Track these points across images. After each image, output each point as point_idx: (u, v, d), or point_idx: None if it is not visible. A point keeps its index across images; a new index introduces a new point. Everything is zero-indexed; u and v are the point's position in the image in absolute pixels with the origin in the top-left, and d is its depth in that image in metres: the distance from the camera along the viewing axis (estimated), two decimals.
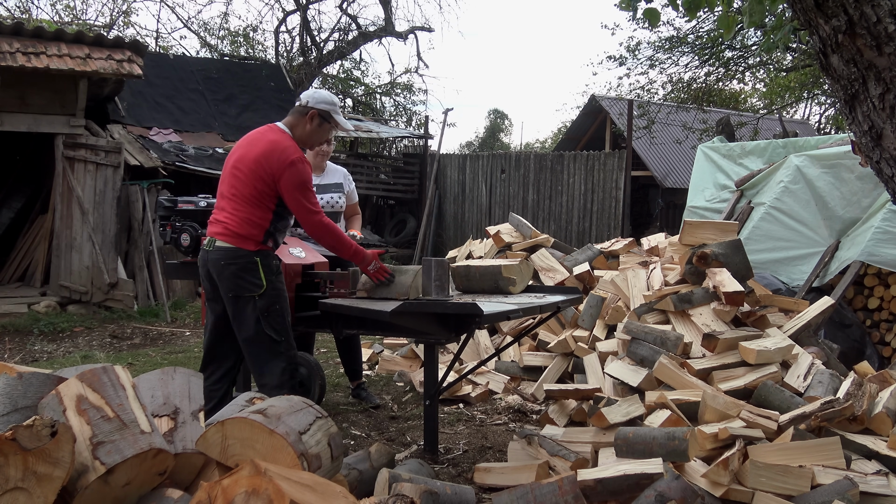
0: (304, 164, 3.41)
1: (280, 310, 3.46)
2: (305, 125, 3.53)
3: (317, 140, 3.62)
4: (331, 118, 3.56)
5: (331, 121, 3.57)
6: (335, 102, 3.60)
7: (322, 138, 3.65)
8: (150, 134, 10.10)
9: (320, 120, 3.53)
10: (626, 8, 3.09)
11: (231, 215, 3.44)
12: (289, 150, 3.41)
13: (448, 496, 2.70)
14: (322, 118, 3.53)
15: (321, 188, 4.50)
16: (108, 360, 5.74)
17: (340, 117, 3.62)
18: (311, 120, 3.52)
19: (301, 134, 3.55)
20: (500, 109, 36.37)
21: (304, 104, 3.53)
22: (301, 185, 3.40)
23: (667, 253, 5.27)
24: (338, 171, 4.69)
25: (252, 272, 3.41)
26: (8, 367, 2.47)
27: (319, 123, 3.54)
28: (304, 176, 3.40)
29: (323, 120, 3.54)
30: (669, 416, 3.31)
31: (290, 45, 17.40)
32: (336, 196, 4.55)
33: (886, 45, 2.12)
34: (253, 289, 3.40)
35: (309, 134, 3.56)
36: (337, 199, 4.54)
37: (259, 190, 3.39)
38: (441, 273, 3.51)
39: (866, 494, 2.83)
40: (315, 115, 3.51)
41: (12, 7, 15.90)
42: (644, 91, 14.99)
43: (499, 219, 12.68)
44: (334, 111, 3.57)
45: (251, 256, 3.40)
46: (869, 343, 5.17)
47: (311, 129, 3.54)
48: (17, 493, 1.90)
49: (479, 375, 5.08)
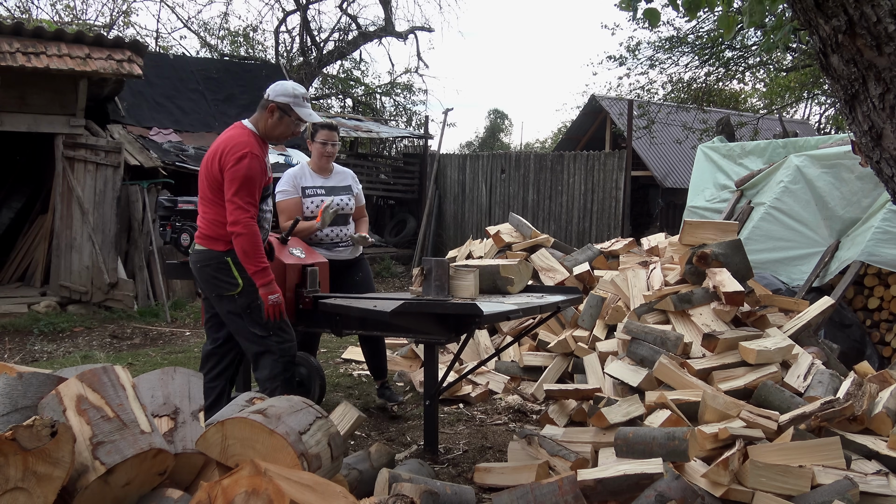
0: (251, 160, 3.31)
1: (261, 305, 3.41)
2: (267, 119, 3.46)
3: (281, 134, 3.52)
4: (290, 111, 3.46)
5: (291, 114, 3.47)
6: (296, 94, 3.49)
7: (286, 131, 3.53)
8: (150, 134, 10.10)
9: (280, 113, 3.45)
10: (626, 8, 3.09)
11: (202, 218, 3.50)
12: (239, 146, 3.33)
13: (448, 496, 2.70)
14: (282, 111, 3.45)
15: (330, 190, 4.46)
16: (108, 360, 5.74)
17: (303, 109, 3.50)
18: (271, 113, 3.45)
19: (264, 128, 3.48)
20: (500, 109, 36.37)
21: (265, 97, 3.47)
22: (240, 179, 3.29)
23: (667, 253, 5.27)
24: (346, 174, 4.63)
25: (225, 272, 3.43)
26: (8, 367, 2.47)
27: (280, 117, 3.45)
28: (247, 171, 3.30)
29: (283, 113, 3.45)
30: (669, 416, 3.31)
31: (290, 45, 17.40)
32: (346, 198, 4.48)
33: (886, 45, 2.12)
34: (230, 288, 3.44)
35: (271, 128, 3.48)
36: (346, 201, 4.48)
37: (216, 189, 3.38)
38: (441, 273, 3.51)
39: (866, 494, 2.83)
40: (274, 109, 3.44)
41: (12, 7, 15.91)
42: (644, 91, 15.00)
43: (499, 219, 12.68)
44: (295, 103, 3.46)
45: (221, 257, 3.43)
46: (869, 343, 5.17)
47: (273, 122, 3.46)
48: (17, 493, 1.90)
49: (479, 375, 5.08)
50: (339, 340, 6.37)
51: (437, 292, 3.49)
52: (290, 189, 4.39)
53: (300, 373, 4.52)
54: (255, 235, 3.33)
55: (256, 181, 3.35)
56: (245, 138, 3.40)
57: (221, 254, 3.43)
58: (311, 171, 4.49)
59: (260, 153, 3.40)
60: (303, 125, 3.57)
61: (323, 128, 4.41)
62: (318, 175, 4.48)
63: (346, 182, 4.56)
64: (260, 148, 3.44)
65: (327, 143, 4.42)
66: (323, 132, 4.41)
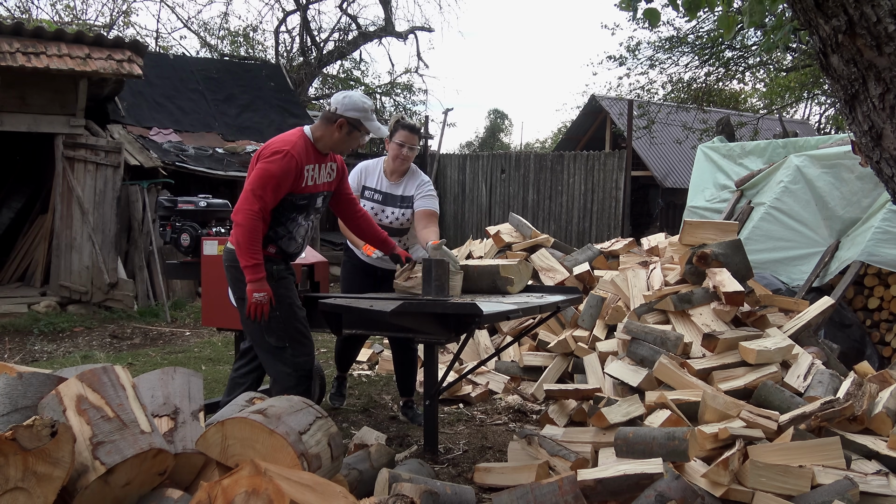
0: (285, 159, 3.18)
1: (281, 317, 3.32)
2: (334, 133, 3.34)
3: (348, 147, 3.42)
4: (361, 126, 3.35)
5: (361, 129, 3.36)
6: (366, 108, 3.35)
7: (353, 145, 3.43)
8: (150, 134, 10.10)
9: (350, 128, 3.34)
10: (626, 8, 3.09)
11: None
12: (281, 143, 3.24)
13: (448, 496, 2.70)
14: (352, 126, 3.34)
15: (387, 198, 4.16)
16: (108, 360, 5.74)
17: (373, 123, 3.38)
18: (339, 129, 3.33)
19: (329, 142, 3.37)
20: (500, 109, 36.42)
21: (332, 111, 3.33)
22: (264, 172, 3.18)
23: (667, 253, 5.27)
24: (416, 183, 4.18)
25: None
26: (8, 367, 2.48)
27: (349, 132, 3.35)
28: (275, 167, 3.17)
29: (353, 128, 3.34)
30: (669, 416, 3.31)
31: (290, 45, 17.42)
32: (398, 212, 4.14)
33: (886, 45, 2.13)
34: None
35: (338, 142, 3.37)
36: (399, 215, 4.14)
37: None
38: (441, 273, 3.51)
39: (866, 494, 2.83)
40: (344, 124, 3.32)
41: (12, 7, 15.91)
42: (644, 91, 15.00)
43: (499, 219, 12.69)
44: (365, 118, 3.34)
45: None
46: (869, 343, 5.17)
47: (340, 137, 3.35)
48: (17, 493, 1.91)
49: (479, 375, 5.08)
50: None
51: (437, 292, 3.49)
52: (353, 185, 4.10)
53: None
54: (254, 230, 3.20)
55: (279, 178, 3.19)
56: (293, 138, 3.29)
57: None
58: (382, 170, 4.19)
59: (299, 156, 3.25)
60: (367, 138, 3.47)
61: (404, 128, 4.11)
62: (387, 178, 4.17)
63: (409, 192, 4.17)
64: (304, 153, 3.29)
65: (405, 145, 4.09)
66: (402, 133, 4.10)
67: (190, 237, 4.16)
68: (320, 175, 3.41)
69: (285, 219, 3.36)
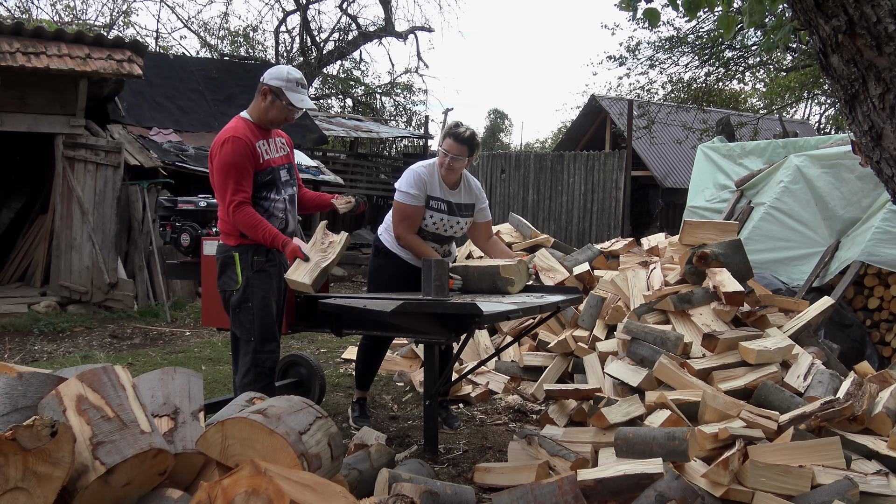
0: (233, 144, 3.22)
1: (252, 308, 3.34)
2: (260, 103, 3.37)
3: (274, 118, 3.39)
4: (282, 94, 3.32)
5: (282, 97, 3.33)
6: (290, 78, 3.33)
7: (279, 116, 3.39)
8: (150, 134, 10.10)
9: (272, 96, 3.33)
10: (626, 8, 3.09)
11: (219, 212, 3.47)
12: (224, 133, 3.29)
13: (448, 496, 2.70)
14: (274, 94, 3.33)
15: (453, 207, 3.97)
16: (108, 360, 5.74)
17: (295, 94, 3.34)
18: (263, 97, 3.35)
19: (257, 113, 3.39)
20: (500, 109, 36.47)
21: (260, 81, 3.37)
22: (223, 167, 3.22)
23: (667, 253, 5.27)
24: (473, 191, 4.05)
25: (231, 267, 3.40)
26: (8, 367, 2.47)
27: (272, 100, 3.34)
28: (229, 157, 3.20)
29: (275, 96, 3.33)
30: (669, 416, 3.31)
31: (290, 45, 17.44)
32: (464, 221, 4.01)
33: (886, 45, 2.13)
34: (231, 284, 3.40)
35: (264, 111, 3.37)
36: (463, 224, 3.99)
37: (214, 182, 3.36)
38: (441, 273, 3.51)
39: (866, 494, 2.83)
40: (266, 92, 3.33)
41: (12, 7, 15.92)
42: (644, 91, 15.01)
43: (499, 219, 12.68)
44: (287, 87, 3.31)
45: (230, 251, 3.39)
46: (869, 343, 5.17)
47: (265, 106, 3.36)
48: (17, 493, 1.91)
49: (479, 375, 5.08)
50: (338, 340, 6.37)
51: (437, 292, 3.49)
52: (419, 194, 3.87)
53: (300, 373, 4.52)
54: (248, 215, 3.24)
55: (239, 165, 3.23)
56: (232, 125, 3.34)
57: (231, 248, 3.40)
58: (440, 177, 3.94)
59: (245, 136, 3.28)
60: (296, 111, 3.43)
61: (450, 136, 3.85)
62: (446, 185, 3.95)
63: (470, 200, 4.05)
64: (249, 132, 3.33)
65: (448, 154, 3.84)
66: (448, 141, 3.84)
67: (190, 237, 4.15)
68: (272, 149, 3.44)
69: (257, 199, 3.38)
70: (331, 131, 13.22)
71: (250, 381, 3.35)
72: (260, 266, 3.39)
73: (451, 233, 4.01)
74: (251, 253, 3.37)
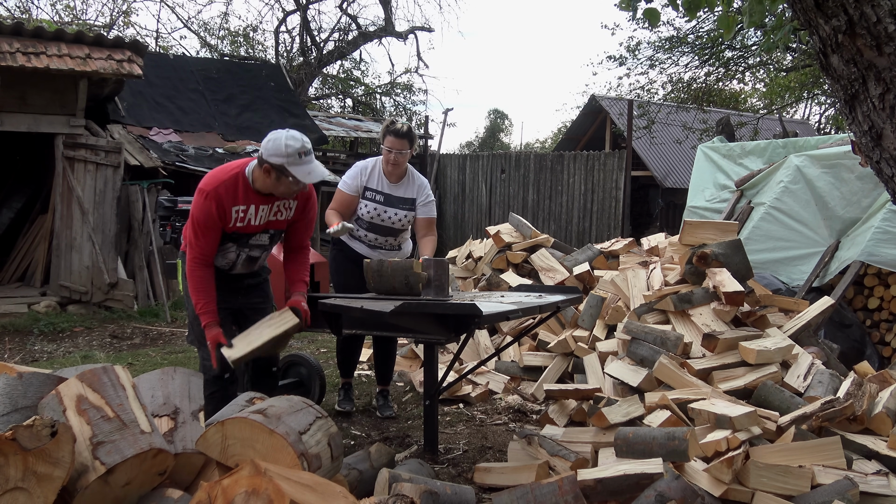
0: (204, 200, 3.10)
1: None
2: (265, 178, 3.15)
3: (284, 193, 3.21)
4: (286, 171, 3.08)
5: (287, 175, 3.10)
6: (290, 153, 3.06)
7: (289, 190, 3.20)
8: (150, 134, 10.10)
9: (276, 174, 3.11)
10: (626, 8, 3.08)
11: None
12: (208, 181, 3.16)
13: (448, 496, 2.70)
14: (278, 172, 3.10)
15: (389, 199, 4.16)
16: (108, 360, 5.74)
17: (301, 168, 3.08)
18: (267, 174, 3.12)
19: (263, 186, 3.19)
20: (500, 109, 36.40)
21: (259, 154, 3.14)
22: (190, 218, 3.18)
23: (667, 253, 5.27)
24: (417, 186, 4.24)
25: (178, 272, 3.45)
26: (8, 367, 2.48)
27: (277, 177, 3.12)
28: (196, 212, 3.12)
29: (279, 174, 3.11)
30: (669, 417, 3.31)
31: (290, 45, 17.43)
32: (401, 213, 4.17)
33: (886, 45, 2.13)
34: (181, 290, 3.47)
35: (271, 187, 3.17)
36: (402, 216, 4.17)
37: None
38: (441, 273, 3.51)
39: (866, 494, 2.83)
40: (269, 170, 3.11)
41: (12, 7, 15.91)
42: (644, 91, 15.00)
43: (499, 219, 12.69)
44: (290, 163, 3.06)
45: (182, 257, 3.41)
46: (869, 343, 5.17)
47: (271, 182, 3.14)
48: (17, 493, 1.91)
49: (479, 375, 5.08)
50: None
51: (437, 292, 3.49)
52: (352, 183, 4.14)
53: (300, 373, 4.52)
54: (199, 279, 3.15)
55: (205, 223, 3.10)
56: (224, 176, 3.17)
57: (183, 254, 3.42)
58: (381, 171, 4.19)
59: (223, 197, 3.12)
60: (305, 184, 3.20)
61: (391, 133, 4.09)
62: (387, 179, 4.18)
63: (410, 195, 4.21)
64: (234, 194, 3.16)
65: (392, 151, 4.08)
66: (389, 138, 4.09)
67: None
68: (258, 215, 3.25)
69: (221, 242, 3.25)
70: (331, 131, 13.22)
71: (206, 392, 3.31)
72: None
73: (388, 223, 4.18)
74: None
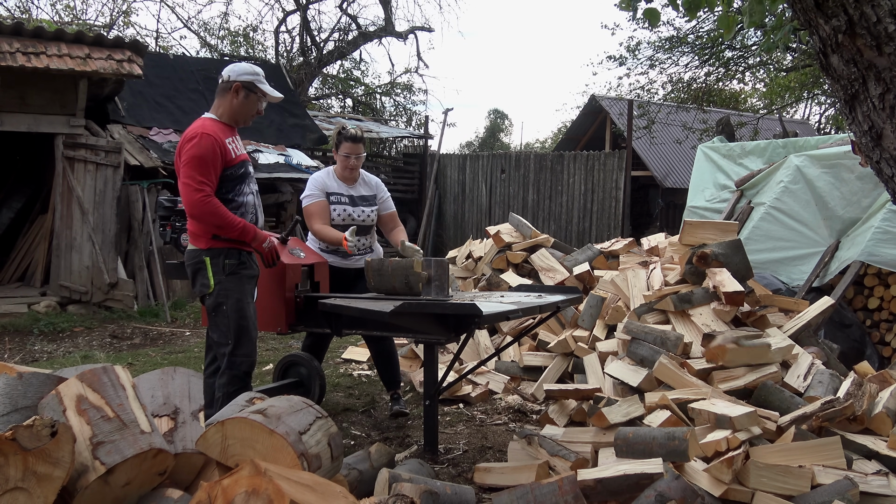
0: (202, 139, 3.30)
1: (227, 311, 3.35)
2: (232, 100, 3.45)
3: (247, 113, 3.50)
4: (256, 88, 3.47)
5: (256, 91, 3.47)
6: (257, 72, 3.51)
7: (253, 110, 3.51)
8: (150, 134, 10.09)
9: (246, 91, 3.45)
10: (626, 8, 3.09)
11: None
12: (192, 130, 3.36)
13: (448, 496, 2.70)
14: (247, 89, 3.45)
15: (353, 199, 4.38)
16: (108, 360, 5.74)
17: (267, 86, 3.51)
18: (236, 93, 3.44)
19: (228, 110, 3.47)
20: (500, 109, 36.39)
21: (226, 80, 3.46)
22: (191, 160, 3.28)
23: (667, 253, 5.27)
24: (372, 183, 4.52)
25: (203, 272, 3.40)
26: (8, 367, 2.47)
27: (246, 95, 3.45)
28: (198, 150, 3.28)
29: (248, 91, 3.46)
30: (669, 417, 3.31)
31: (290, 45, 17.43)
32: (368, 210, 4.40)
33: (886, 45, 2.12)
34: (204, 289, 3.42)
35: (238, 108, 3.47)
36: (369, 213, 4.40)
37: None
38: (441, 273, 3.51)
39: (866, 494, 2.83)
40: (240, 88, 3.44)
41: (12, 7, 15.91)
42: (644, 91, 15.00)
43: (499, 219, 12.69)
44: (258, 80, 3.47)
45: (200, 255, 3.40)
46: (869, 343, 5.17)
47: (239, 102, 3.45)
48: (17, 493, 1.91)
49: (479, 375, 5.08)
50: (338, 340, 6.37)
51: (437, 292, 3.49)
52: (317, 192, 4.33)
53: (300, 373, 4.52)
54: (216, 207, 3.28)
55: (208, 159, 3.29)
56: (199, 123, 3.41)
57: (201, 252, 3.39)
58: (335, 177, 4.41)
59: (215, 133, 3.35)
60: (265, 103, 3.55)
61: (347, 140, 4.30)
62: (343, 183, 4.40)
63: (370, 192, 4.47)
64: (219, 130, 3.39)
65: (350, 156, 4.31)
66: (346, 145, 4.30)
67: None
68: (239, 146, 3.51)
69: (232, 194, 3.43)
70: (331, 131, 13.23)
71: (225, 383, 3.36)
72: (232, 269, 3.39)
73: (359, 221, 4.37)
74: (222, 256, 3.37)
